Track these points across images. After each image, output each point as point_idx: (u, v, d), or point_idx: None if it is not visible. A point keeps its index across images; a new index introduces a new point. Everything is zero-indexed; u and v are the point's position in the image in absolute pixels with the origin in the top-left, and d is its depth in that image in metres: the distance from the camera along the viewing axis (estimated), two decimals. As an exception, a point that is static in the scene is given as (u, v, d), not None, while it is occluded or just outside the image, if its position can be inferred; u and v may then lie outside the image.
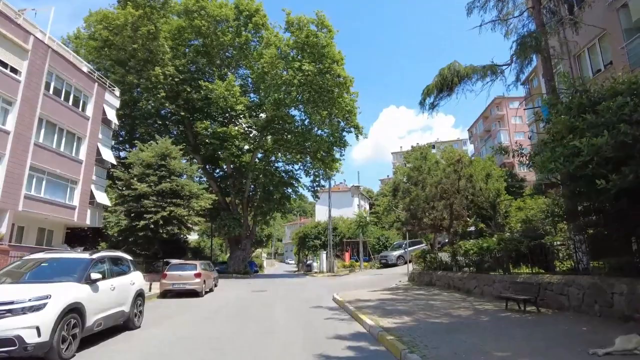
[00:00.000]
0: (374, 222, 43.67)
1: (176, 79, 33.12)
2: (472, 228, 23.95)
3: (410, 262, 23.47)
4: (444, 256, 18.68)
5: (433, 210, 16.92)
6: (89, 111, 26.18)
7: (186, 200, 26.74)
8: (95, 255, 8.12)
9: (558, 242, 11.75)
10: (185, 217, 26.43)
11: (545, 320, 8.68)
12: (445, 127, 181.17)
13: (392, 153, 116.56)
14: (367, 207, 62.09)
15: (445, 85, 11.68)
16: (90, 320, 7.10)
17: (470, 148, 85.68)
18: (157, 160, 26.51)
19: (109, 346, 7.71)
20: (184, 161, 31.66)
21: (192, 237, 63.61)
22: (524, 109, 38.09)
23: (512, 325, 8.27)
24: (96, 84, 26.83)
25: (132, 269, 9.83)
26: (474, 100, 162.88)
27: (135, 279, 9.67)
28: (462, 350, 6.26)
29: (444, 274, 17.46)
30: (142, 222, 24.28)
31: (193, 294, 17.61)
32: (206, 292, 19.01)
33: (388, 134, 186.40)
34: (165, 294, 17.68)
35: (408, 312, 10.67)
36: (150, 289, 18.20)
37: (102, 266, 8.21)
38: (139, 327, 9.52)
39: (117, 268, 8.98)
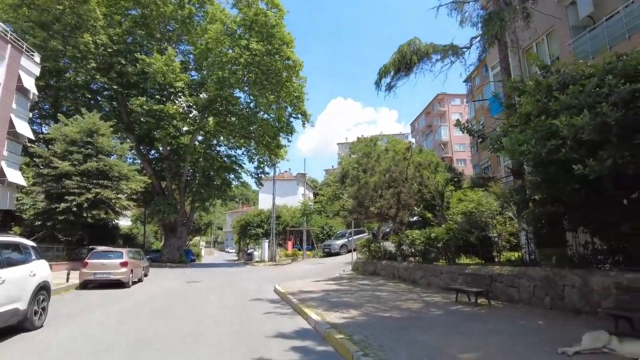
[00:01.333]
0: (318, 212, 43.12)
1: (109, 50, 29.96)
2: (415, 218, 23.87)
3: (354, 250, 23.03)
4: (389, 245, 18.35)
5: (381, 199, 16.42)
6: (0, 76, 22.82)
7: (115, 182, 24.46)
8: (-24, 241, 6.45)
9: (507, 233, 11.60)
10: (114, 200, 24.15)
11: (499, 314, 8.29)
12: (389, 121, 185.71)
13: (337, 144, 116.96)
14: (312, 197, 61.61)
15: (404, 63, 10.98)
16: (-38, 322, 5.53)
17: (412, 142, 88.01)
18: (82, 136, 23.89)
19: (-8, 353, 6.17)
20: (116, 139, 28.89)
21: (125, 223, 59.44)
22: (474, 101, 38.96)
23: (467, 320, 7.76)
24: (9, 45, 23.45)
25: (33, 258, 8.15)
26: (421, 93, 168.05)
27: (37, 270, 8.01)
28: (421, 351, 5.55)
29: (389, 263, 17.09)
30: (63, 205, 21.92)
31: (118, 285, 15.86)
32: (134, 283, 17.32)
33: (334, 126, 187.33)
34: (85, 285, 15.75)
35: (355, 304, 9.94)
36: (67, 278, 16.25)
37: (-13, 254, 6.57)
38: (41, 326, 7.91)
39: (10, 256, 7.31)
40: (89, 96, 31.93)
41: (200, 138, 37.28)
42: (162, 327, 8.18)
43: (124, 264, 16.10)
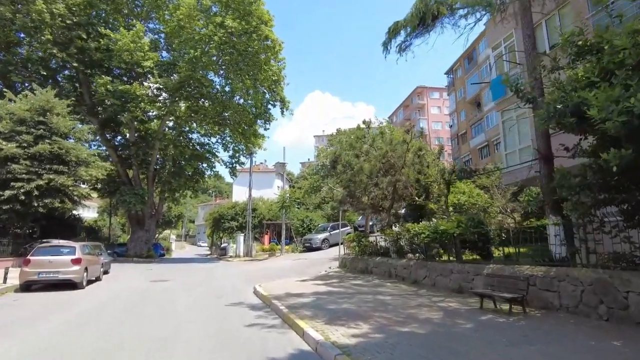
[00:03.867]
0: (296, 205, 41.13)
1: (68, 21, 26.78)
2: (403, 210, 22.15)
3: (340, 244, 21.15)
4: (382, 240, 16.61)
5: (375, 188, 14.60)
6: None
7: (72, 168, 21.71)
8: None
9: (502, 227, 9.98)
10: (71, 188, 21.43)
11: (547, 329, 6.56)
12: (367, 116, 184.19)
13: (314, 136, 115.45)
14: (288, 188, 59.71)
15: (429, 14, 9.06)
16: None
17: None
18: (33, 115, 20.99)
19: None
20: (76, 122, 25.87)
21: (90, 215, 55.78)
22: (474, 84, 37.42)
23: (514, 340, 5.95)
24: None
25: None
26: (400, 87, 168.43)
27: None
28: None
29: (384, 260, 15.32)
30: (8, 192, 19.18)
31: (69, 285, 13.46)
32: (90, 282, 15.02)
33: (311, 120, 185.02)
34: (28, 287, 13.25)
35: (360, 314, 8.08)
36: (5, 279, 13.73)
37: None
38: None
39: None
40: (45, 73, 28.59)
41: (170, 124, 34.46)
42: (112, 345, 6.06)
43: (76, 261, 13.69)
